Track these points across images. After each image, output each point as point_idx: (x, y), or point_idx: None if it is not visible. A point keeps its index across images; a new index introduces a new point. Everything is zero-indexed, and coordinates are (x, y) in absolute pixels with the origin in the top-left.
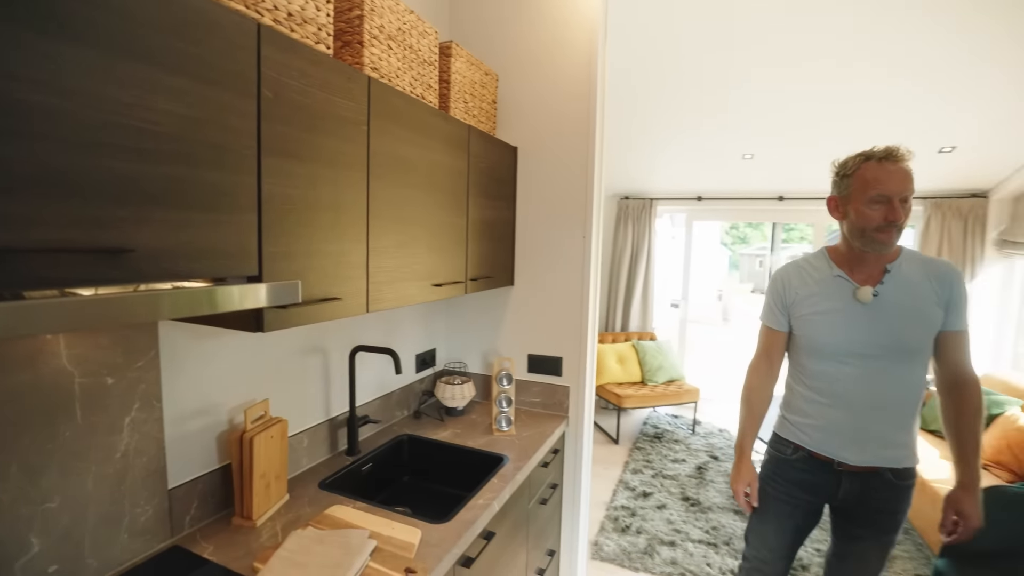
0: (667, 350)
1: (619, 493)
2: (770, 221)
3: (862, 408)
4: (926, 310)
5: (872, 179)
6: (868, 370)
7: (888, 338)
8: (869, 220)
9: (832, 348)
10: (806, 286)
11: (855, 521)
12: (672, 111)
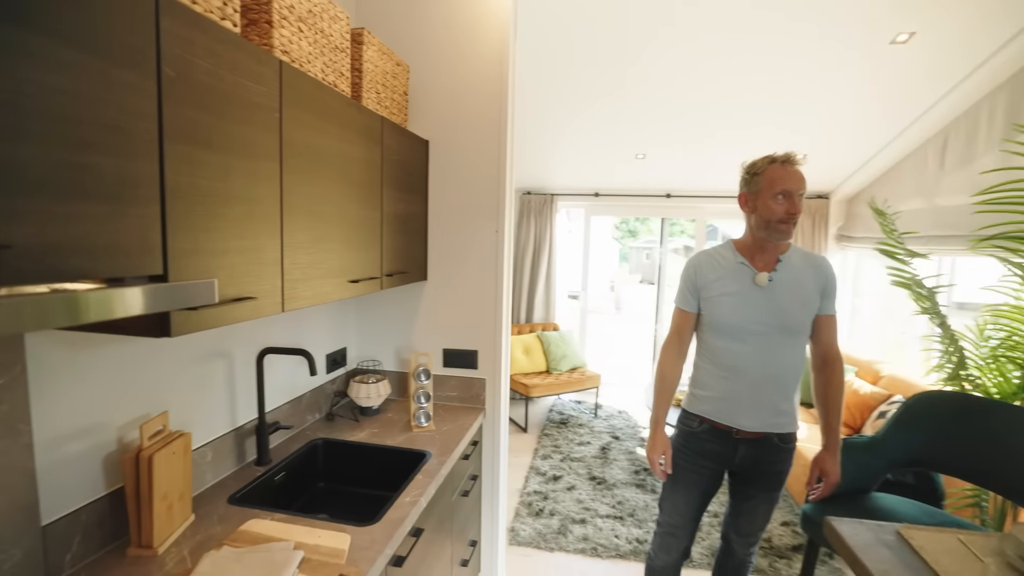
0: (569, 339)
1: (531, 479)
2: (659, 216)
3: (756, 380)
4: (809, 295)
5: (777, 178)
6: (761, 346)
7: (779, 318)
8: (774, 212)
9: (733, 326)
10: (714, 271)
11: (748, 482)
12: (571, 111)
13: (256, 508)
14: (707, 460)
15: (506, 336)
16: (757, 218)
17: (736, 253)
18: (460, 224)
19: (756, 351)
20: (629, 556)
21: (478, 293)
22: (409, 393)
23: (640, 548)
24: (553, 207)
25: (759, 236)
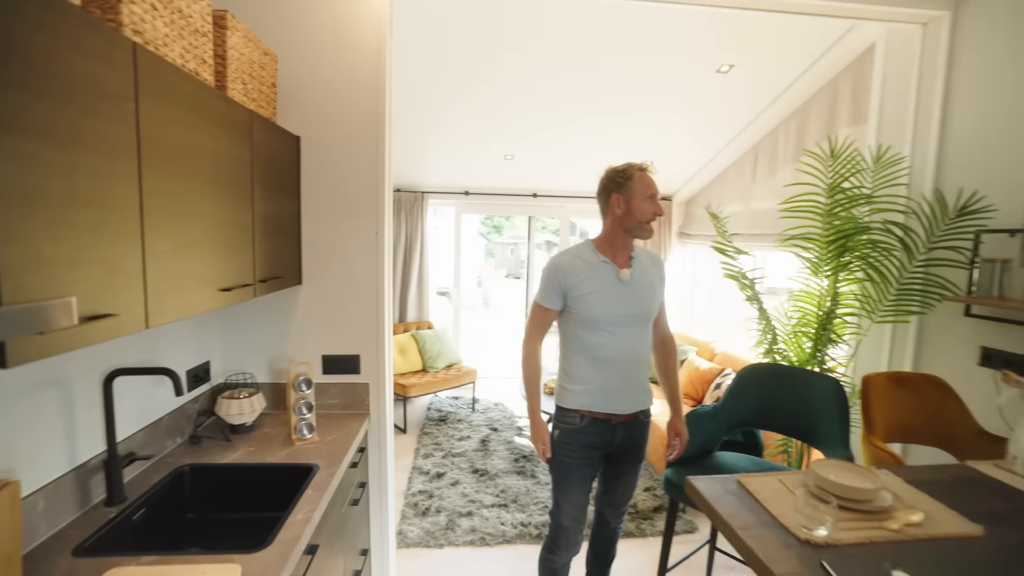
0: (444, 337)
1: (415, 479)
2: (526, 215)
3: (627, 366)
4: (656, 286)
5: (647, 183)
6: (628, 335)
7: (639, 308)
8: (644, 213)
9: (605, 320)
10: (580, 271)
11: (621, 460)
12: (442, 111)
13: (114, 555)
14: (592, 451)
15: (389, 339)
16: (629, 218)
17: (597, 253)
18: (337, 225)
19: (624, 341)
20: (515, 540)
21: (358, 296)
22: (288, 405)
23: (525, 531)
24: (424, 205)
25: (626, 235)
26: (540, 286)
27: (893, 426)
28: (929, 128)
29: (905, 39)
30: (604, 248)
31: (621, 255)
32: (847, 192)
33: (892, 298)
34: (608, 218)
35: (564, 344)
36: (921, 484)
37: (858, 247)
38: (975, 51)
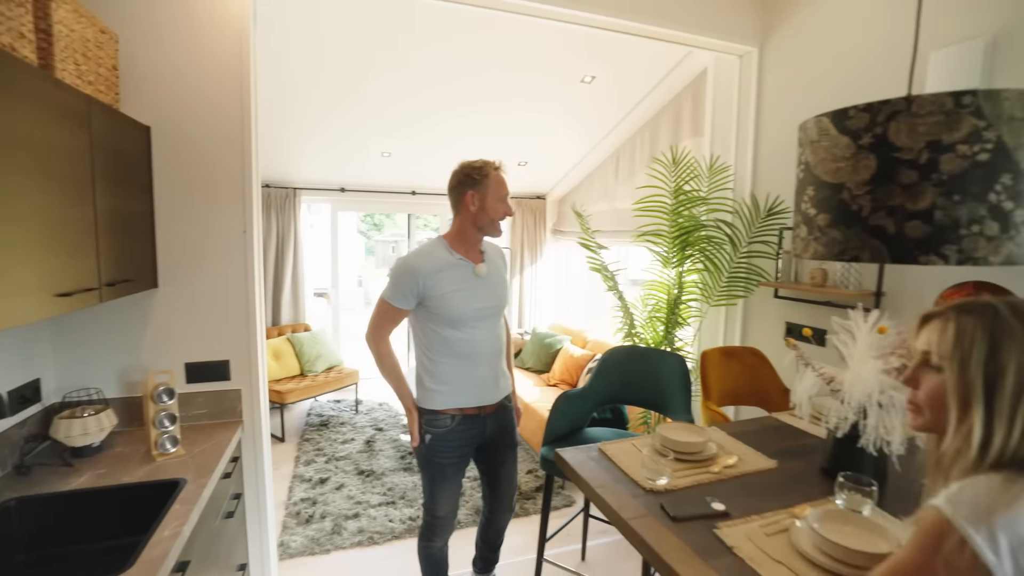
0: (323, 339)
1: (296, 488)
2: (405, 212)
3: (490, 357)
4: (504, 277)
5: (502, 182)
6: (487, 327)
7: (495, 300)
8: (498, 212)
9: (467, 316)
10: (438, 272)
11: (497, 448)
12: (316, 106)
13: None
14: (465, 448)
15: (261, 342)
16: (483, 216)
17: (451, 250)
18: (199, 223)
19: (485, 333)
20: (404, 535)
21: (225, 298)
22: (147, 419)
23: (414, 525)
24: (297, 202)
25: (478, 232)
26: (390, 285)
27: (725, 391)
28: (747, 142)
29: (728, 67)
30: (457, 245)
31: (473, 251)
32: (688, 194)
33: (724, 285)
34: (460, 214)
35: (425, 346)
36: (738, 435)
37: (697, 242)
38: (776, 80)
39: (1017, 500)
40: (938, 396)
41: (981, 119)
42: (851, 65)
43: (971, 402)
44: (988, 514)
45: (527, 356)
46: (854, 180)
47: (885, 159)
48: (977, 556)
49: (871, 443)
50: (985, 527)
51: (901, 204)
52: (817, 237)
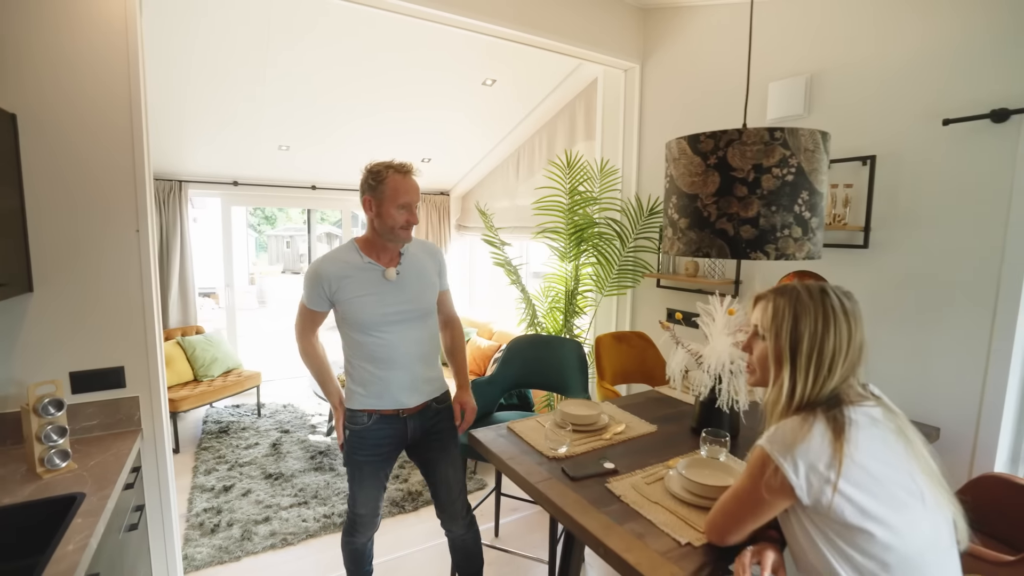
0: (218, 341)
1: (196, 500)
2: (304, 207)
3: (406, 361)
4: (431, 278)
5: (400, 189)
6: (403, 331)
7: (412, 304)
8: (396, 220)
9: (375, 321)
10: (344, 277)
11: (426, 448)
12: (207, 93)
13: None
14: (384, 447)
15: (159, 346)
16: (380, 223)
17: (361, 254)
18: (82, 221)
19: (400, 337)
20: (319, 533)
21: (117, 301)
22: (27, 434)
23: (329, 522)
24: (183, 195)
25: (381, 238)
26: (304, 290)
27: (617, 372)
28: (632, 147)
29: (615, 79)
30: (368, 248)
31: (386, 254)
32: (582, 195)
33: (614, 277)
34: (367, 219)
35: (344, 348)
36: (626, 407)
37: (590, 238)
38: (656, 93)
39: (808, 435)
40: (763, 358)
41: (787, 149)
42: (712, 85)
43: (782, 362)
44: (791, 446)
45: None
46: (705, 192)
47: (725, 176)
48: (785, 478)
49: (725, 403)
50: (789, 456)
51: (737, 212)
52: (679, 237)
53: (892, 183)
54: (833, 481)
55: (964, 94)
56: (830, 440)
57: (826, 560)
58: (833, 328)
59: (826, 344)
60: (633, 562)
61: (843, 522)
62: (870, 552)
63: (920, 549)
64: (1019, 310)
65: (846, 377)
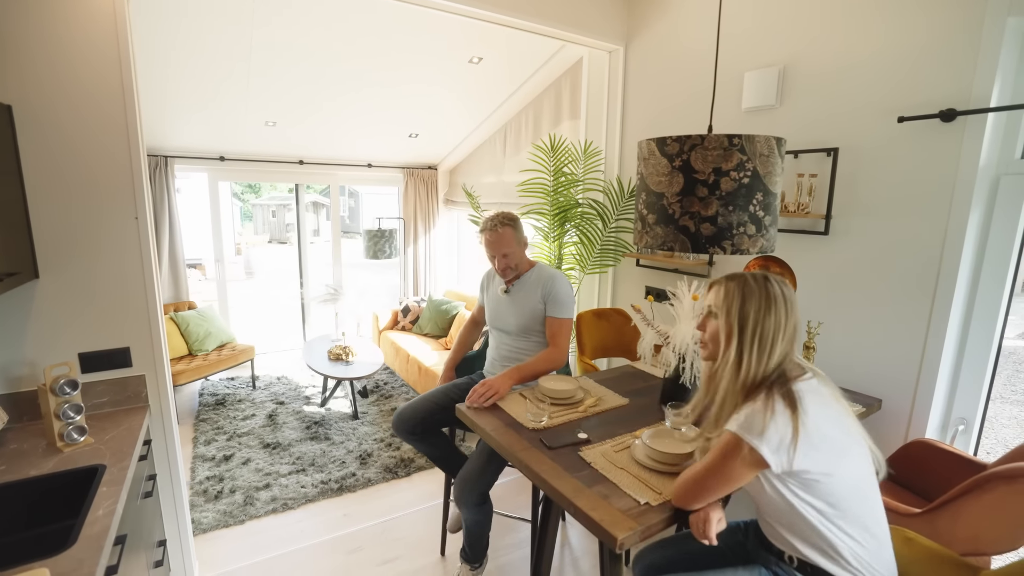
0: (211, 315)
1: (199, 469)
2: (292, 182)
3: (496, 356)
4: (535, 304)
5: (488, 244)
6: (500, 336)
7: (510, 319)
8: (494, 265)
9: (491, 321)
10: (493, 281)
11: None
12: (192, 68)
13: None
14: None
15: (162, 325)
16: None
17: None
18: (82, 210)
19: (498, 340)
20: (318, 497)
21: (120, 285)
22: (46, 411)
23: (326, 487)
24: (169, 171)
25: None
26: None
27: (597, 347)
28: (615, 129)
29: (600, 60)
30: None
31: (506, 277)
32: (566, 176)
33: (596, 256)
34: None
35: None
36: (602, 381)
37: (573, 219)
38: (639, 76)
39: (773, 417)
40: (714, 335)
41: (744, 154)
42: (694, 70)
43: (731, 337)
44: (763, 430)
45: (424, 323)
46: (670, 191)
47: (688, 178)
48: (761, 456)
49: (688, 380)
50: (763, 438)
51: (698, 211)
52: (647, 231)
53: (852, 174)
54: (795, 449)
55: (918, 94)
56: (789, 416)
57: (788, 503)
58: (774, 310)
59: (768, 323)
60: (598, 519)
61: (803, 477)
62: (824, 493)
63: (857, 482)
64: (954, 295)
65: (786, 353)
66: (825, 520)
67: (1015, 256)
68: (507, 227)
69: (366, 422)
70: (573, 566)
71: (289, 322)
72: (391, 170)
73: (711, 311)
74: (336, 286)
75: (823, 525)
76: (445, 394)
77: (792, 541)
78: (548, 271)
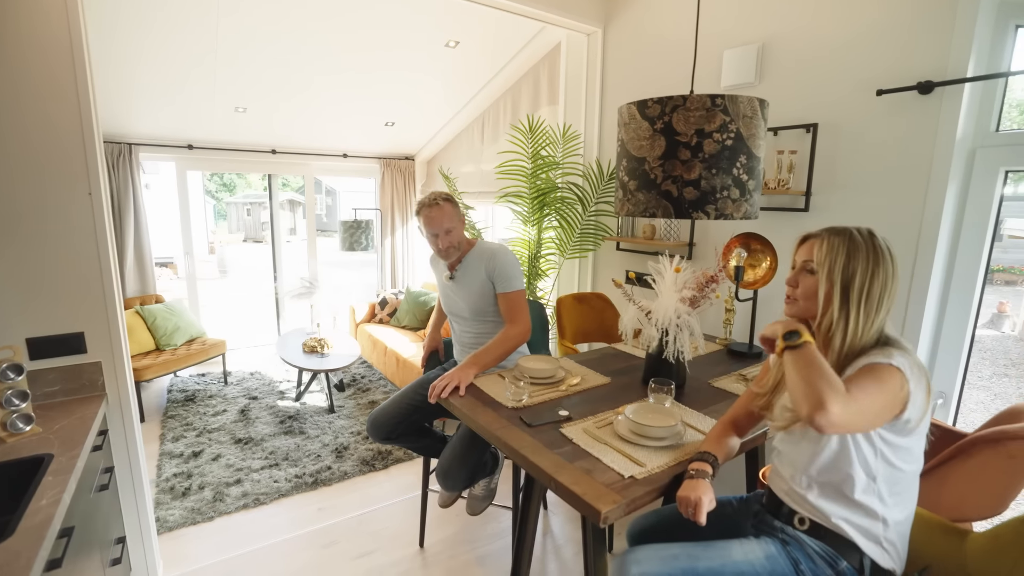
0: (180, 309)
1: (165, 466)
2: (264, 172)
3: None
4: (483, 285)
5: (426, 222)
6: (458, 323)
7: (460, 303)
8: (434, 245)
9: (447, 308)
10: (438, 267)
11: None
12: (154, 47)
13: None
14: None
15: (120, 310)
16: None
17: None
18: (31, 186)
19: (455, 327)
20: (291, 492)
21: (73, 267)
22: None
23: (300, 481)
24: (134, 159)
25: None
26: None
27: (577, 331)
28: (594, 112)
29: (578, 44)
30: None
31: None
32: (544, 159)
33: (576, 240)
34: None
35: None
36: (583, 362)
37: (552, 203)
38: (618, 59)
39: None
40: (810, 290)
41: (727, 115)
42: (672, 51)
43: (832, 295)
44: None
45: (403, 315)
46: (652, 155)
47: (671, 141)
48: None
49: (672, 355)
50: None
51: (680, 175)
52: (629, 198)
53: (831, 150)
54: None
55: (896, 67)
56: (927, 375)
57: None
58: (881, 267)
59: (875, 281)
60: (580, 493)
61: (904, 434)
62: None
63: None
64: (932, 269)
65: (888, 312)
66: (875, 482)
67: (991, 229)
68: (447, 202)
69: (343, 415)
70: (555, 554)
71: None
72: (367, 160)
73: (807, 266)
74: (311, 279)
75: (871, 488)
76: (417, 392)
77: (819, 505)
78: (488, 247)
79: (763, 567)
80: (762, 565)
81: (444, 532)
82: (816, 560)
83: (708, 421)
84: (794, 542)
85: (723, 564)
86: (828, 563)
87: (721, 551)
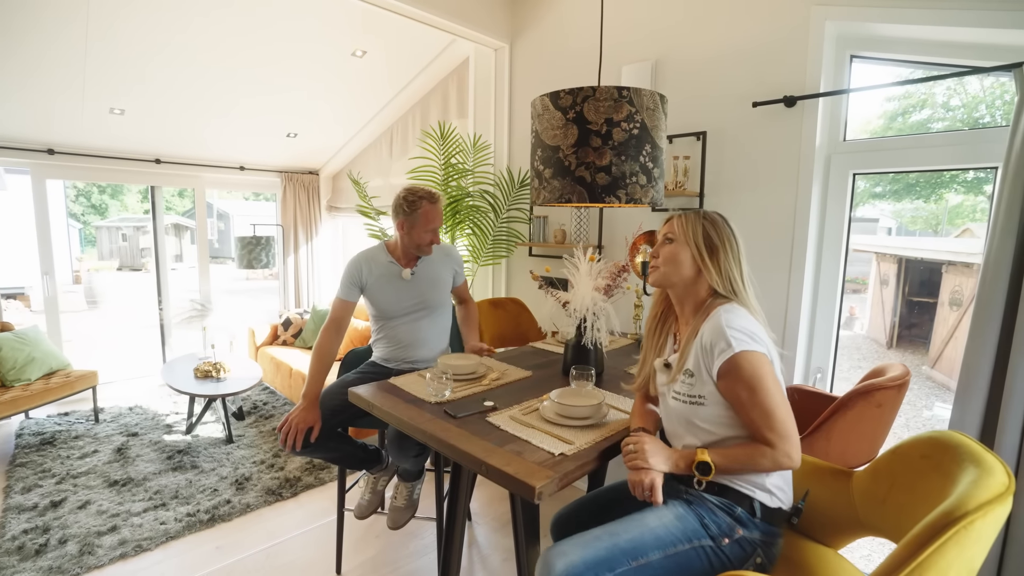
0: (36, 339)
1: (11, 523)
2: (147, 184)
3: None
4: (444, 280)
5: (432, 216)
6: (414, 320)
7: (421, 299)
8: (424, 240)
9: (393, 309)
10: (373, 271)
11: None
12: (6, 30)
13: None
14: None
15: None
16: (409, 241)
17: (388, 254)
18: None
19: (412, 324)
20: (183, 533)
21: None
22: None
23: (193, 520)
24: None
25: (409, 250)
26: (341, 283)
27: (495, 336)
28: (503, 124)
29: (486, 58)
30: (393, 251)
31: (405, 258)
32: (455, 167)
33: (489, 247)
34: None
35: (376, 331)
36: (505, 359)
37: (465, 210)
38: (524, 72)
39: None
40: (670, 256)
41: (632, 106)
42: (575, 65)
43: (698, 254)
44: (752, 335)
45: (309, 335)
46: (565, 144)
47: (583, 129)
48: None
49: (590, 341)
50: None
51: (593, 161)
52: (544, 186)
53: (719, 155)
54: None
55: (767, 82)
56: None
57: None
58: (723, 230)
59: (723, 238)
60: (512, 472)
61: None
62: None
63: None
64: (807, 255)
65: (742, 273)
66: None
67: (847, 223)
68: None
69: (243, 445)
70: (482, 564)
71: (145, 348)
72: (267, 174)
73: (668, 238)
74: (204, 301)
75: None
76: (335, 396)
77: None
78: (445, 245)
79: (675, 527)
80: (675, 526)
81: (363, 555)
82: (717, 512)
83: (628, 402)
84: (697, 500)
85: (641, 533)
86: (726, 512)
87: (638, 522)
